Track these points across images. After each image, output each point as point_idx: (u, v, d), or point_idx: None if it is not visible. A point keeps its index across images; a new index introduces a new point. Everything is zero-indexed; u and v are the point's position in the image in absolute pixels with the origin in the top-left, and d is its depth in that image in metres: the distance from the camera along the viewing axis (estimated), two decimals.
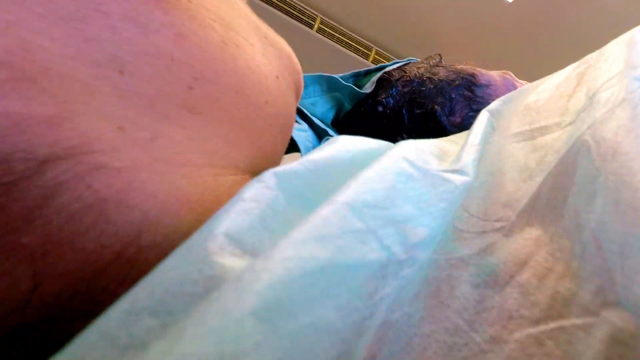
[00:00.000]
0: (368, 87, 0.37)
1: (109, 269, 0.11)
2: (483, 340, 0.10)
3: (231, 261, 0.10)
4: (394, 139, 0.34)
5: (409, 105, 0.35)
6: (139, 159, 0.12)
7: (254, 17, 0.18)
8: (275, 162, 0.18)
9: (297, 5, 1.78)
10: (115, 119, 0.11)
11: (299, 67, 0.20)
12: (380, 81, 0.37)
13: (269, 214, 0.11)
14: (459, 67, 0.38)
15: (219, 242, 0.10)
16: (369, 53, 1.93)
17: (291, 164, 0.13)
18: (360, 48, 1.91)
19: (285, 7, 1.77)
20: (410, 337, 0.11)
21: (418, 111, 0.34)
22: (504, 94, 0.35)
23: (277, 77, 0.17)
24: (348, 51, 1.89)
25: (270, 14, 1.74)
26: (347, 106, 0.38)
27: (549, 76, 0.19)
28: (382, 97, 0.36)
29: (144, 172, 0.12)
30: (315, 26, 1.84)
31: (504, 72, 0.38)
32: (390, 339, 0.10)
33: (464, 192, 0.14)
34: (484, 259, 0.12)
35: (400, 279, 0.11)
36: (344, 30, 1.89)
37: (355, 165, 0.13)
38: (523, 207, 0.12)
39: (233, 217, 0.11)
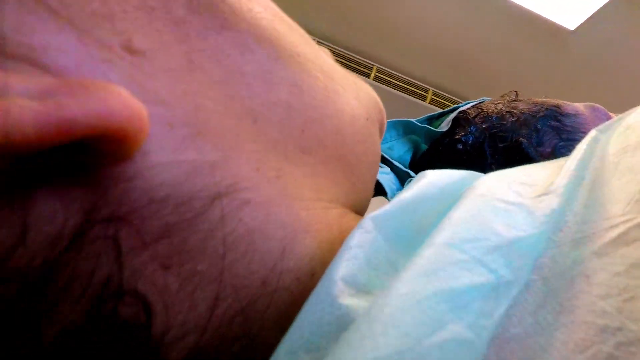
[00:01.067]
0: (444, 126, 0.38)
1: (257, 293, 0.13)
2: (639, 328, 0.10)
3: (351, 301, 0.12)
4: (479, 169, 0.34)
5: (491, 141, 0.34)
6: (272, 195, 0.14)
7: (343, 69, 0.21)
8: (367, 198, 0.20)
9: (353, 58, 1.91)
10: (253, 161, 0.14)
11: (383, 109, 0.22)
12: (456, 120, 0.38)
13: (372, 255, 0.13)
14: (540, 99, 0.38)
15: (339, 287, 0.12)
16: (426, 95, 1.97)
17: (385, 206, 0.14)
18: (417, 90, 1.96)
19: (342, 60, 1.89)
20: (548, 336, 0.11)
21: (502, 145, 0.34)
22: (594, 123, 0.35)
23: (367, 119, 0.19)
24: (405, 95, 1.95)
25: None
26: (424, 147, 0.39)
27: None
28: (460, 135, 0.36)
29: (276, 205, 0.14)
30: (372, 75, 1.93)
31: (589, 104, 0.38)
32: (513, 349, 0.11)
33: (561, 212, 0.14)
34: (621, 247, 0.11)
35: (510, 298, 0.12)
36: (399, 75, 1.96)
37: (444, 200, 0.15)
38: None
39: (345, 264, 0.13)
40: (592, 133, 0.18)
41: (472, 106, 0.39)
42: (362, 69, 1.91)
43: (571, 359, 0.10)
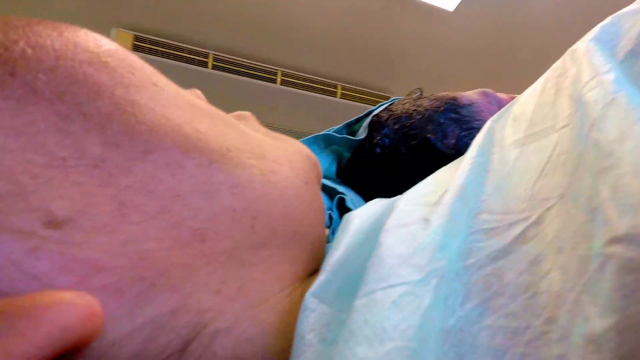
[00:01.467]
0: (362, 133, 0.38)
1: None
2: (541, 323, 0.11)
3: None
4: (398, 173, 0.37)
5: (404, 140, 0.36)
6: (237, 313, 0.14)
7: (262, 129, 0.20)
8: (321, 250, 0.20)
9: (257, 66, 1.87)
10: (212, 285, 0.13)
11: (313, 157, 0.22)
12: (371, 124, 0.39)
13: (325, 331, 0.13)
14: (439, 94, 0.40)
15: None
16: (336, 90, 2.01)
17: (320, 276, 0.15)
18: (327, 87, 1.99)
19: (246, 70, 1.85)
20: (475, 333, 0.12)
21: (413, 142, 0.36)
22: (488, 109, 0.38)
23: (306, 183, 0.19)
24: (315, 94, 1.96)
25: (234, 81, 1.81)
26: (347, 155, 0.39)
27: (527, 90, 0.21)
28: (377, 139, 0.37)
29: (243, 322, 0.14)
30: (278, 80, 1.91)
31: (480, 90, 0.40)
32: (453, 342, 0.12)
33: (463, 201, 0.15)
34: (522, 245, 0.13)
35: (431, 289, 0.13)
36: (306, 75, 1.97)
37: (370, 244, 0.15)
38: (546, 197, 0.14)
39: (305, 356, 0.13)
40: (488, 123, 0.20)
41: (384, 109, 0.41)
42: (267, 75, 1.88)
43: None
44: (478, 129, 0.25)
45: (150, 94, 0.14)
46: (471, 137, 0.33)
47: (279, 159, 0.18)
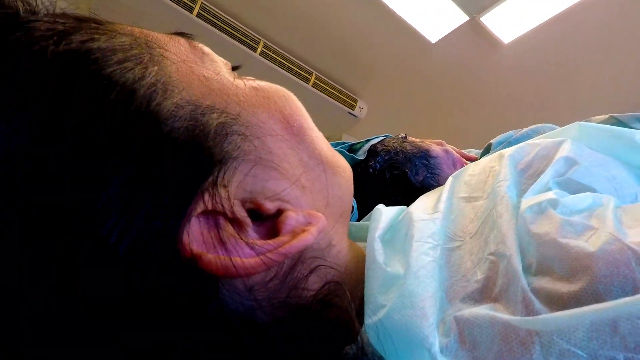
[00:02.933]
0: (361, 155, 0.55)
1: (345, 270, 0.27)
2: (464, 272, 0.24)
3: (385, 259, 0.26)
4: (380, 189, 0.53)
5: (389, 168, 0.53)
6: (342, 243, 0.28)
7: (330, 147, 0.33)
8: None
9: (240, 28, 1.84)
10: (340, 230, 0.29)
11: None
12: (370, 151, 0.55)
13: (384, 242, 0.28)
14: (419, 143, 0.56)
15: (379, 250, 0.27)
16: (310, 77, 2.05)
17: (377, 232, 0.29)
18: (302, 73, 2.02)
19: (229, 29, 1.81)
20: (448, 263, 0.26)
21: (395, 172, 0.52)
22: (446, 163, 0.57)
23: (350, 171, 0.33)
24: (290, 75, 1.99)
25: (213, 35, 1.77)
26: None
27: (475, 163, 0.34)
28: (372, 163, 0.54)
29: (342, 248, 0.28)
30: (259, 49, 1.91)
31: (439, 142, 0.58)
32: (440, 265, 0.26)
33: (445, 219, 0.29)
34: (459, 250, 0.26)
35: (439, 250, 0.26)
36: (286, 54, 1.98)
37: (403, 223, 0.29)
38: (472, 232, 0.27)
39: (378, 252, 0.26)
40: (450, 179, 0.34)
41: (379, 141, 0.58)
42: (249, 41, 1.86)
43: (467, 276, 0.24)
44: (437, 175, 0.51)
45: (316, 132, 0.29)
46: (432, 179, 0.51)
47: (341, 162, 0.31)
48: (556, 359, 0.16)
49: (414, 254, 0.24)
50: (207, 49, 0.27)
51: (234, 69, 0.29)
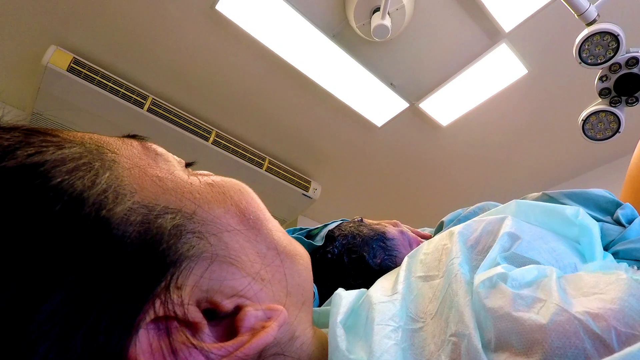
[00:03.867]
0: (319, 241, 0.55)
1: None
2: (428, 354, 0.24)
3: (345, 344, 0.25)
4: (339, 274, 0.52)
5: (347, 253, 0.53)
6: (307, 334, 0.28)
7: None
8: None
9: (192, 120, 1.89)
10: (304, 317, 0.28)
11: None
12: (327, 236, 0.55)
13: (346, 329, 0.27)
14: (375, 226, 0.57)
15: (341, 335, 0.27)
16: (263, 163, 2.10)
17: (338, 317, 0.28)
18: (255, 158, 2.07)
19: (180, 121, 1.85)
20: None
21: (353, 256, 0.52)
22: (402, 243, 0.57)
23: (308, 261, 0.32)
24: (243, 161, 2.02)
25: (165, 128, 1.79)
26: None
27: (429, 242, 0.35)
28: (329, 248, 0.53)
29: (306, 336, 0.27)
30: (211, 138, 1.95)
31: (394, 222, 0.59)
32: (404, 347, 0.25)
33: (405, 299, 0.29)
34: (421, 332, 0.26)
35: (405, 332, 0.26)
36: (239, 142, 2.04)
37: (363, 307, 0.30)
38: (433, 312, 0.27)
39: (339, 338, 0.26)
40: (406, 260, 0.35)
41: (336, 226, 0.59)
42: (201, 132, 1.91)
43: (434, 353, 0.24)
44: (395, 257, 0.51)
45: (272, 222, 0.29)
46: (390, 260, 0.51)
47: (303, 251, 0.31)
48: None
49: (376, 337, 0.24)
50: (160, 149, 0.28)
51: (187, 165, 0.29)
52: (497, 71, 1.66)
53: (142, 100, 1.73)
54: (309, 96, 1.84)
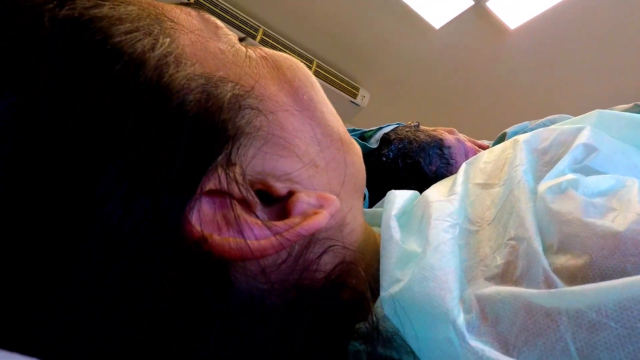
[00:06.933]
0: (373, 144, 0.55)
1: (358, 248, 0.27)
2: (481, 257, 0.24)
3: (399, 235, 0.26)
4: (392, 178, 0.52)
5: (402, 158, 0.52)
6: (358, 220, 0.28)
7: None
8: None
9: (239, 16, 1.81)
10: (354, 207, 0.28)
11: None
12: (382, 139, 0.55)
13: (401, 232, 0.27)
14: (432, 132, 0.55)
15: (395, 227, 0.27)
16: (311, 66, 2.03)
17: (391, 212, 0.28)
18: (303, 61, 1.99)
19: (227, 16, 1.79)
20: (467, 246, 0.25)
21: (409, 161, 0.52)
22: (458, 152, 0.56)
23: (359, 156, 0.31)
24: None
25: None
26: None
27: (489, 150, 0.33)
28: (384, 151, 0.53)
29: (358, 224, 0.28)
30: (258, 37, 1.88)
31: (450, 130, 0.57)
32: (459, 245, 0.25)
33: (462, 201, 0.29)
34: (477, 235, 0.25)
35: (461, 231, 0.26)
36: (287, 42, 1.96)
37: (419, 206, 0.29)
38: (490, 219, 0.26)
39: (394, 230, 0.26)
40: (464, 166, 0.34)
41: (391, 130, 0.57)
42: (248, 29, 1.84)
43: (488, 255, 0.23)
44: (451, 165, 0.51)
45: (326, 105, 0.28)
46: (446, 169, 0.51)
47: (354, 140, 0.30)
48: (586, 331, 0.16)
49: (433, 230, 0.24)
50: (219, 22, 0.26)
51: (240, 41, 0.27)
52: None
53: None
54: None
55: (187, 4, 0.26)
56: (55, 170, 0.16)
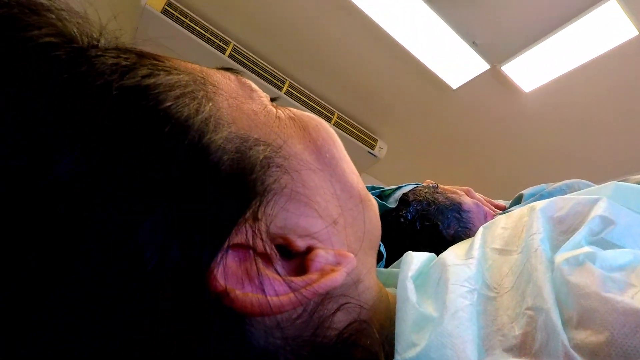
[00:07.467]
0: (392, 203, 0.54)
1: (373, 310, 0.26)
2: (499, 325, 0.23)
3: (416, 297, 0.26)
4: (409, 240, 0.51)
5: (421, 219, 0.52)
6: (372, 279, 0.28)
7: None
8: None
9: (268, 69, 1.93)
10: (368, 265, 0.28)
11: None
12: (401, 200, 0.54)
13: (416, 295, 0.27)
14: (450, 195, 0.56)
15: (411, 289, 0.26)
16: (332, 117, 2.11)
17: (407, 276, 0.28)
18: (325, 112, 2.08)
19: (257, 69, 1.90)
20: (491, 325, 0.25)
21: (427, 224, 0.51)
22: (477, 216, 0.55)
23: (376, 215, 0.32)
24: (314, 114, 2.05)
25: (245, 76, 1.85)
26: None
27: (507, 215, 0.34)
28: (403, 212, 0.53)
29: (372, 282, 0.28)
30: (284, 88, 1.99)
31: (467, 190, 0.58)
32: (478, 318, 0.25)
33: (480, 265, 0.28)
34: (495, 302, 0.25)
35: (479, 298, 0.26)
36: (310, 94, 2.06)
37: (435, 269, 0.29)
38: (508, 287, 0.26)
39: (410, 291, 0.26)
40: (481, 230, 0.34)
41: (410, 190, 0.58)
42: (275, 81, 1.95)
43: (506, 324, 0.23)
44: (469, 229, 0.50)
45: (347, 163, 0.29)
46: (464, 232, 0.50)
47: (369, 199, 0.31)
48: None
49: (451, 295, 0.24)
50: (254, 85, 0.28)
51: (272, 100, 0.29)
52: (597, 32, 1.43)
53: (224, 46, 1.79)
54: (384, 52, 1.77)
55: (228, 69, 0.29)
56: (108, 213, 0.18)
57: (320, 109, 2.07)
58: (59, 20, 0.21)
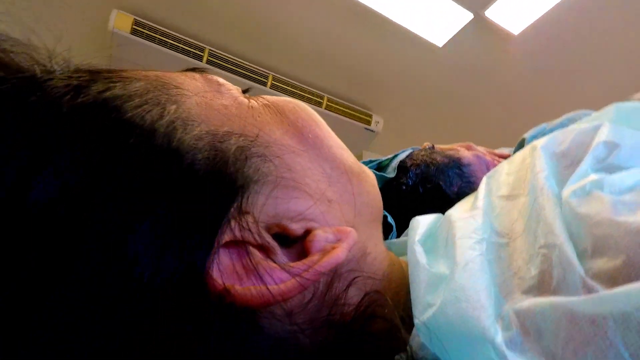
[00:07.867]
0: (390, 172, 0.53)
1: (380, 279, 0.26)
2: (517, 267, 0.23)
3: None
4: (414, 205, 0.50)
5: (422, 183, 0.51)
6: (379, 248, 0.28)
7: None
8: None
9: (249, 67, 1.91)
10: (374, 237, 0.29)
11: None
12: (399, 167, 0.53)
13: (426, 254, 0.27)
14: (448, 152, 0.54)
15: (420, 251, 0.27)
16: (322, 101, 2.08)
17: (416, 237, 0.28)
18: (314, 97, 2.06)
19: (238, 69, 1.88)
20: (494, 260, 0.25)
21: (429, 186, 0.50)
22: (479, 168, 0.54)
23: (374, 185, 0.32)
24: (303, 102, 2.02)
25: (224, 77, 1.83)
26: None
27: (509, 161, 0.33)
28: (403, 179, 0.52)
29: (379, 252, 0.28)
30: (269, 83, 1.96)
31: (467, 146, 0.55)
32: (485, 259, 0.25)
33: (487, 214, 0.28)
34: (508, 248, 0.25)
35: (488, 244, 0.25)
36: (296, 83, 2.03)
37: (443, 227, 0.29)
38: (519, 231, 0.25)
39: (419, 250, 0.26)
40: (485, 180, 0.33)
41: (407, 156, 0.56)
42: (258, 77, 1.93)
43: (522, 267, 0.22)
44: (473, 183, 0.49)
45: (333, 139, 0.28)
46: (468, 187, 0.49)
47: (366, 168, 0.31)
48: (637, 333, 0.15)
49: (459, 250, 0.24)
50: (221, 80, 0.28)
51: (244, 92, 0.29)
52: None
53: (200, 53, 1.77)
54: (362, 24, 1.73)
55: (194, 70, 0.28)
56: (91, 233, 0.17)
57: (309, 96, 2.04)
58: (2, 52, 0.20)
